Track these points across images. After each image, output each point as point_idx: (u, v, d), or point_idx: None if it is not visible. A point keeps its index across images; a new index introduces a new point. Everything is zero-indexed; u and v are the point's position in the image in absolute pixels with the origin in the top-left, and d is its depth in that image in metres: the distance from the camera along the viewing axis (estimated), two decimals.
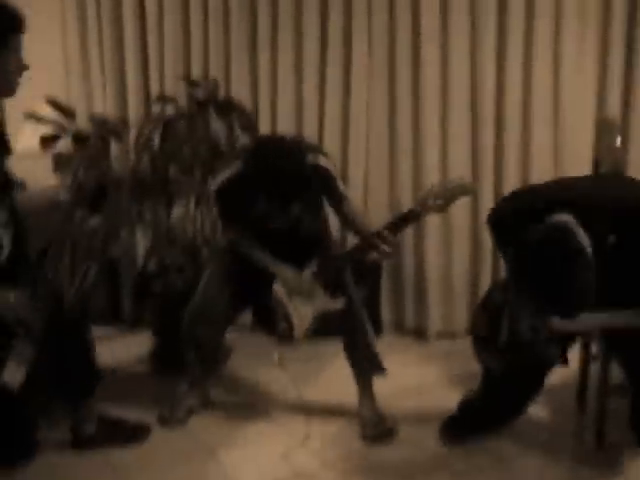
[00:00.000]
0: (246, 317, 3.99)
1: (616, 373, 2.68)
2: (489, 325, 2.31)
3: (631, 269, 2.08)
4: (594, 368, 2.91)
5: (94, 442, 2.72)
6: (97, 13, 4.01)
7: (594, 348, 2.93)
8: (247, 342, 3.76)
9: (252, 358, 3.62)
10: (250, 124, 3.66)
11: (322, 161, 2.78)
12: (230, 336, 3.34)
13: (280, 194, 2.70)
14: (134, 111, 4.03)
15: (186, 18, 3.95)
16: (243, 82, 3.96)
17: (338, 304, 2.80)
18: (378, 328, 3.96)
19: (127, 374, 3.57)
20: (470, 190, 2.64)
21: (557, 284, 1.98)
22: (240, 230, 2.92)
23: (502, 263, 3.65)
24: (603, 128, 2.91)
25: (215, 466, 2.71)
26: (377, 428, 2.91)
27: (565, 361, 2.39)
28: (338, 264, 2.87)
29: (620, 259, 2.08)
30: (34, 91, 3.31)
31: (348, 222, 2.89)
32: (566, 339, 2.38)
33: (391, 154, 3.95)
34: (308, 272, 2.81)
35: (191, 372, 3.10)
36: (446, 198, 2.55)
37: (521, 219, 2.20)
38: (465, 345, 2.63)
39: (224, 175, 2.82)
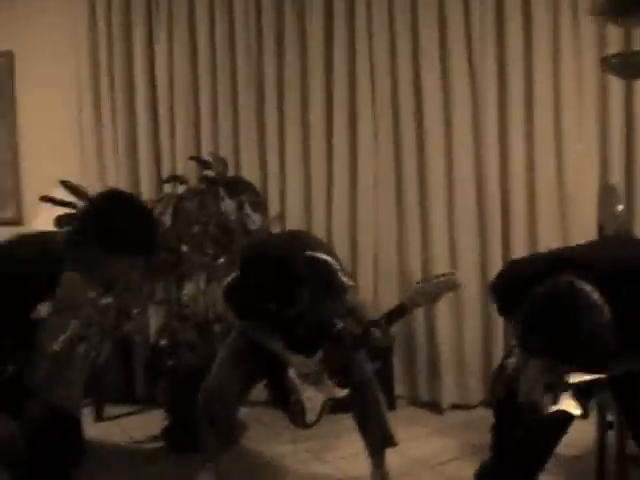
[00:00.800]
0: (260, 393, 4.04)
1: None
2: (507, 389, 2.31)
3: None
4: (612, 435, 2.86)
5: None
6: (111, 94, 4.17)
7: (610, 415, 2.90)
8: (261, 416, 3.78)
9: (266, 433, 3.61)
10: (259, 202, 3.74)
11: (320, 255, 2.85)
12: (244, 411, 3.35)
13: (279, 295, 2.75)
14: (146, 190, 4.13)
15: (195, 100, 4.10)
16: (252, 163, 4.08)
17: (342, 392, 2.85)
18: (391, 402, 3.95)
19: (141, 452, 3.54)
20: (456, 286, 2.79)
21: (570, 333, 1.97)
22: (250, 320, 2.99)
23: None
24: (605, 194, 2.96)
25: None
26: None
27: (584, 415, 2.37)
28: (343, 352, 2.90)
29: (630, 318, 2.08)
30: (51, 172, 3.48)
31: (349, 312, 2.94)
32: (583, 392, 2.35)
33: (399, 229, 4.03)
34: (315, 360, 2.88)
35: (205, 448, 3.08)
36: (433, 296, 2.76)
37: (523, 283, 2.20)
38: (480, 415, 2.62)
39: (227, 280, 2.96)
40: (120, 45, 4.12)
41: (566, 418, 2.43)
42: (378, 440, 2.94)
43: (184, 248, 3.66)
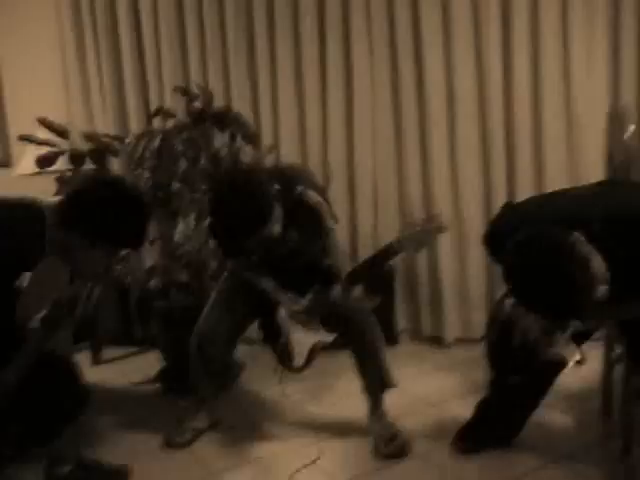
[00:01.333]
0: (258, 331, 3.98)
1: None
2: (502, 330, 2.22)
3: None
4: (618, 370, 2.76)
5: None
6: (94, 32, 3.96)
7: (617, 349, 2.79)
8: (258, 356, 3.68)
9: (262, 374, 3.50)
10: (251, 134, 3.58)
11: (309, 195, 2.72)
12: (241, 350, 3.26)
13: (249, 230, 2.59)
14: (135, 128, 3.95)
15: (182, 31, 3.89)
16: (243, 94, 3.89)
17: (328, 337, 2.73)
18: (393, 338, 3.87)
19: (136, 394, 3.49)
20: (443, 230, 2.63)
21: (546, 286, 1.86)
22: (241, 258, 2.87)
23: None
24: (614, 118, 2.77)
25: None
26: (390, 445, 2.79)
27: (580, 360, 2.27)
28: (332, 296, 2.75)
29: (628, 267, 1.95)
30: (36, 113, 3.32)
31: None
32: (580, 336, 2.24)
33: (399, 162, 3.87)
34: (305, 302, 2.75)
35: (199, 392, 3.02)
36: (420, 243, 2.60)
37: (514, 231, 2.06)
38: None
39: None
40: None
41: (561, 362, 2.36)
42: (376, 381, 2.85)
43: (175, 185, 3.53)
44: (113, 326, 3.93)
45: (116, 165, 3.57)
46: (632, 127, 2.66)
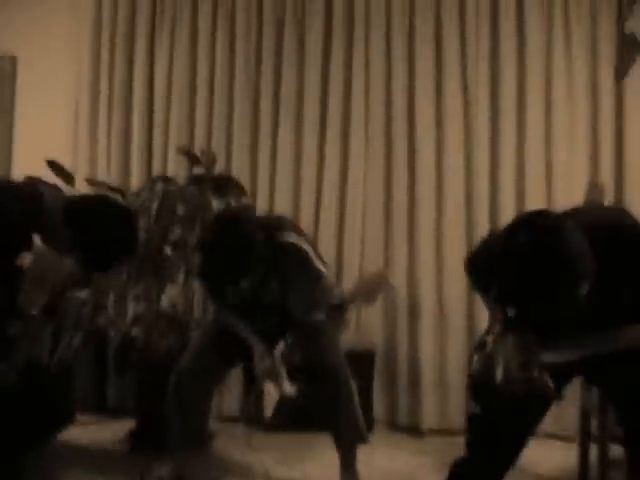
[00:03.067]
0: (232, 408, 3.92)
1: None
2: (484, 368, 2.22)
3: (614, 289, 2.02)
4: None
5: None
6: (109, 85, 4.19)
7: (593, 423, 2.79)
8: (231, 432, 3.64)
9: (235, 445, 3.45)
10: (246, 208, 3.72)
11: (293, 238, 2.79)
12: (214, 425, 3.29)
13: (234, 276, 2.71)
14: (136, 182, 4.09)
15: (193, 96, 4.13)
16: (243, 160, 4.08)
17: (290, 391, 2.74)
18: (369, 424, 3.80)
19: (103, 453, 3.38)
20: (388, 285, 2.97)
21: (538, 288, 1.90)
22: (224, 303, 2.92)
23: None
24: (591, 192, 2.94)
25: None
26: None
27: (559, 397, 2.27)
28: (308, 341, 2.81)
29: (605, 284, 2.01)
30: (42, 156, 3.46)
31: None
32: (560, 376, 2.26)
33: (386, 230, 4.01)
34: (277, 352, 2.78)
35: (169, 440, 2.95)
36: (368, 296, 2.79)
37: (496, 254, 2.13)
38: (461, 441, 2.52)
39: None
40: (122, 48, 4.18)
41: (543, 400, 2.34)
42: (349, 434, 2.80)
43: (167, 250, 3.62)
44: (87, 390, 3.86)
45: None
46: (607, 201, 2.82)
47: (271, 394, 2.74)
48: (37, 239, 2.16)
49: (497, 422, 2.38)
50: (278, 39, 4.07)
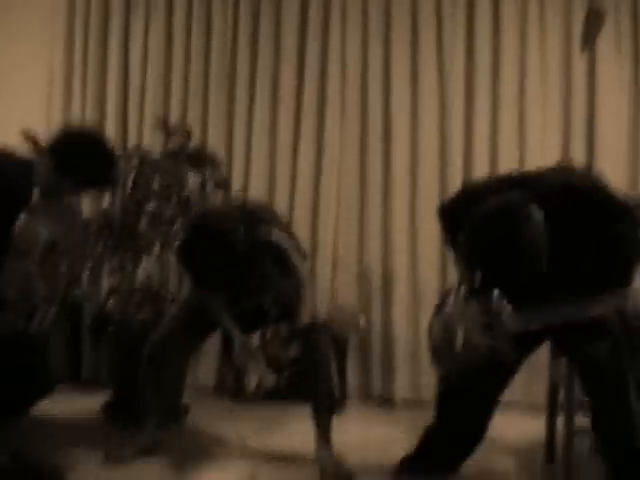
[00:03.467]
0: (208, 379, 3.95)
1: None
2: (445, 331, 2.26)
3: (581, 255, 2.08)
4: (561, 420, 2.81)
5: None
6: (83, 53, 4.17)
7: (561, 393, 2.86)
8: (207, 402, 3.69)
9: (212, 416, 3.49)
10: (222, 180, 3.72)
11: (274, 234, 2.84)
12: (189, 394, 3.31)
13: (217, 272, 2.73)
14: None
15: (168, 67, 4.13)
16: (219, 134, 4.07)
17: (270, 380, 2.81)
18: (343, 395, 3.86)
19: (78, 424, 3.40)
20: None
21: (505, 250, 1.96)
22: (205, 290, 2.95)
23: None
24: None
25: None
26: (335, 474, 2.76)
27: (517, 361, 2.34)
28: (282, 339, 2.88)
29: (570, 248, 2.07)
30: (16, 122, 3.42)
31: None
32: (524, 344, 2.31)
33: (360, 202, 4.04)
34: (254, 340, 2.85)
35: (144, 407, 2.97)
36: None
37: (472, 204, 2.17)
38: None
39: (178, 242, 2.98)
40: (97, 16, 4.15)
41: (507, 366, 2.39)
42: (326, 401, 2.84)
43: (143, 223, 3.61)
44: (62, 358, 3.86)
45: None
46: None
47: (253, 376, 2.82)
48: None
49: (461, 386, 2.44)
50: (255, 13, 4.06)
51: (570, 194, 2.09)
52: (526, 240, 1.96)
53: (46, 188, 2.45)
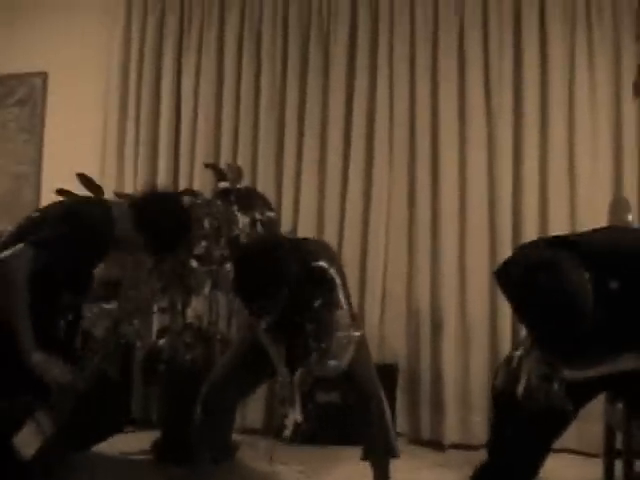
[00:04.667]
0: (255, 420, 3.94)
1: None
2: (508, 379, 2.25)
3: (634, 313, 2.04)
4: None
5: None
6: (137, 98, 4.28)
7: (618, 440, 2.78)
8: (255, 444, 3.66)
9: (258, 457, 3.47)
10: (271, 221, 3.75)
11: (323, 268, 2.79)
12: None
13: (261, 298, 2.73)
14: None
15: (219, 112, 4.20)
16: (269, 173, 4.13)
17: (300, 419, 2.80)
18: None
19: (128, 464, 3.41)
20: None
21: (551, 314, 1.95)
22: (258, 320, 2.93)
23: None
24: (616, 207, 2.95)
25: None
26: None
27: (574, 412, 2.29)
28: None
29: (624, 304, 2.04)
30: (71, 166, 3.53)
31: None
32: (580, 394, 2.27)
33: (409, 244, 4.03)
34: (296, 378, 2.80)
35: (195, 452, 2.97)
36: None
37: (527, 267, 2.18)
38: (483, 455, 2.54)
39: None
40: (150, 63, 4.27)
41: (563, 415, 2.35)
42: (382, 445, 2.80)
43: (193, 263, 3.66)
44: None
45: None
46: (631, 216, 2.83)
47: (290, 418, 2.80)
48: None
49: (516, 433, 2.41)
50: (303, 53, 4.14)
51: (619, 253, 2.08)
52: (568, 293, 1.95)
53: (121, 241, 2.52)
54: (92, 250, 2.41)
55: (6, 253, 2.25)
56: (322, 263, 2.80)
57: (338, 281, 2.80)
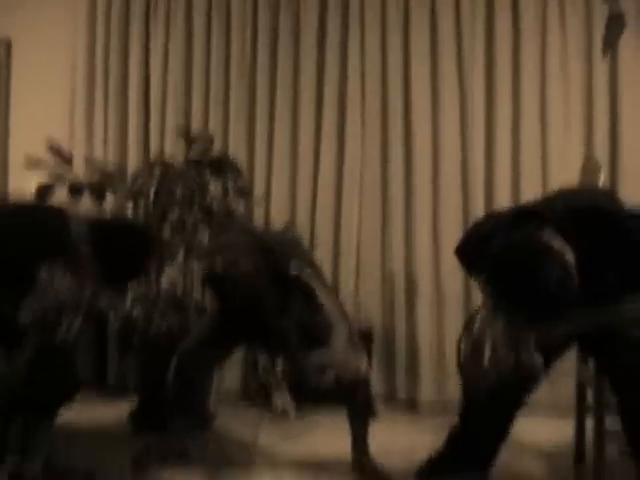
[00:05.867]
0: (233, 384, 3.96)
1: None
2: (473, 347, 2.28)
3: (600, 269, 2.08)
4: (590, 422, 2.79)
5: None
6: (105, 60, 4.20)
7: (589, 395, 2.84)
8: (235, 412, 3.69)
9: (238, 423, 3.49)
10: (244, 188, 3.74)
11: (300, 270, 2.83)
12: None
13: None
14: (134, 160, 4.12)
15: (188, 75, 4.15)
16: (241, 140, 4.09)
17: (290, 410, 2.82)
18: None
19: (105, 433, 3.41)
20: None
21: (530, 284, 1.97)
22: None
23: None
24: (586, 169, 2.98)
25: None
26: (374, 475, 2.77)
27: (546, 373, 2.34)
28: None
29: (589, 262, 2.08)
30: (39, 133, 3.47)
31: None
32: (549, 351, 2.31)
33: (383, 210, 4.04)
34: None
35: (171, 420, 2.99)
36: None
37: (488, 240, 2.21)
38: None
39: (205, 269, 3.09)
40: (118, 28, 4.18)
41: (532, 372, 2.40)
42: (362, 408, 2.84)
43: (165, 231, 3.64)
44: (88, 366, 3.90)
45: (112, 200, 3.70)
46: (601, 178, 2.86)
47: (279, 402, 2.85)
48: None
49: (486, 399, 2.46)
50: (274, 16, 4.07)
51: (581, 214, 2.11)
52: (552, 275, 1.97)
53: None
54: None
55: None
56: (295, 268, 2.82)
57: (314, 283, 2.83)
